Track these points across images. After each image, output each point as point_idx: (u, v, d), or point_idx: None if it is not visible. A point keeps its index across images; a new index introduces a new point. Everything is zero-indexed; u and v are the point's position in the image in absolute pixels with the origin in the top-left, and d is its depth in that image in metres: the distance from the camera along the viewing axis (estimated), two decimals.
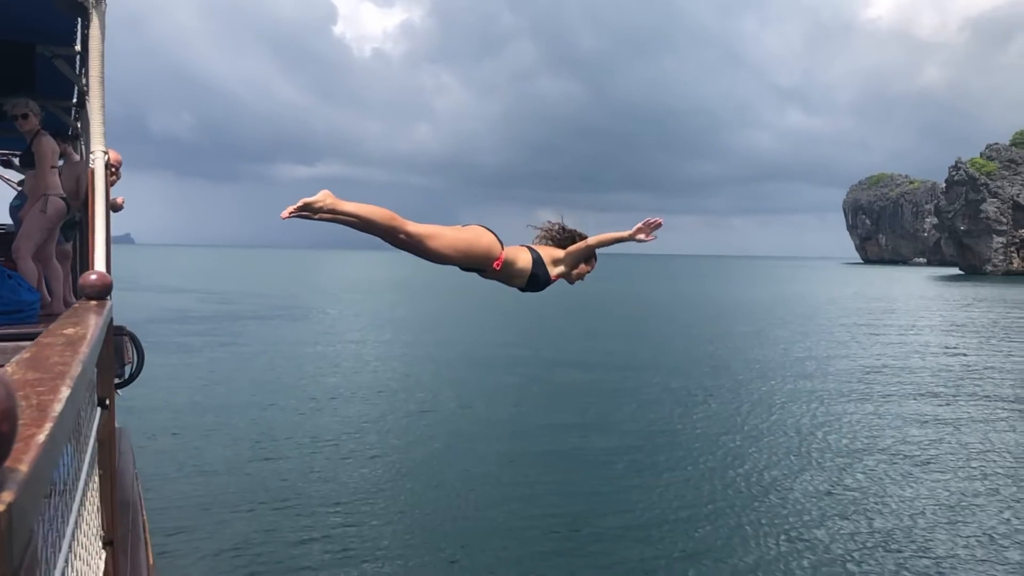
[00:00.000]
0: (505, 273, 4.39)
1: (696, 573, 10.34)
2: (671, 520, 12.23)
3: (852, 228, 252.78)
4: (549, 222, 4.74)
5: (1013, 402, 22.21)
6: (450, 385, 23.55)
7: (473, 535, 11.60)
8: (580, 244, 4.51)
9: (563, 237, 4.63)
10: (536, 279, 4.44)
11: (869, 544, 11.38)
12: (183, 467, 14.50)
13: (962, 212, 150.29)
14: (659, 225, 4.35)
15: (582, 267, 4.61)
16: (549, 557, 10.83)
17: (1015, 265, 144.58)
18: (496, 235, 4.31)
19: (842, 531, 11.90)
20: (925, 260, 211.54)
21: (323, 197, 3.87)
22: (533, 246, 4.56)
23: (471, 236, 4.18)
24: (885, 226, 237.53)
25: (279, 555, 10.60)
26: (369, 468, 14.78)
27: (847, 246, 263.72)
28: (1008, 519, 12.60)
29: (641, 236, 4.36)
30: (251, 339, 34.25)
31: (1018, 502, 13.44)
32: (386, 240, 4.10)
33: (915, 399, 22.48)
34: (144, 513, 6.48)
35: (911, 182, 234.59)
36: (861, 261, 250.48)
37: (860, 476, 14.77)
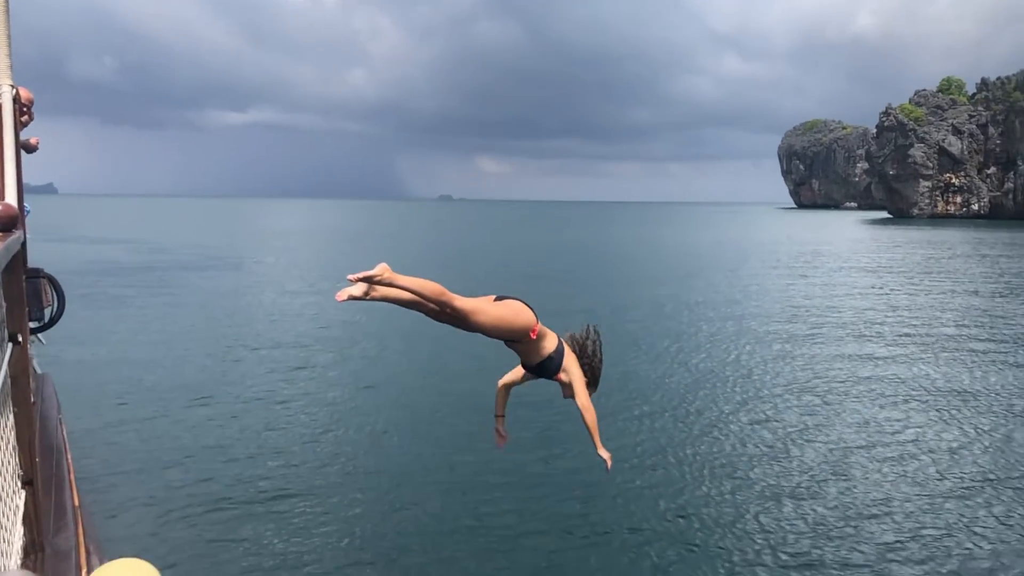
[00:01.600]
0: (532, 345, 4.66)
1: (631, 508, 10.73)
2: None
3: (787, 173, 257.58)
4: (588, 327, 5.00)
5: (927, 336, 23.29)
6: (389, 332, 23.57)
7: (404, 474, 11.80)
8: (580, 385, 4.76)
9: (584, 349, 4.90)
10: (551, 362, 4.72)
11: (794, 471, 11.96)
12: (113, 415, 14.31)
13: (891, 157, 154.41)
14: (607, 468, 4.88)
15: (571, 393, 4.86)
16: (490, 491, 11.10)
17: (940, 208, 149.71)
18: (533, 309, 4.58)
19: (766, 457, 12.46)
20: (856, 204, 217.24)
21: (381, 271, 3.96)
22: (563, 339, 4.84)
23: (512, 312, 4.46)
24: (818, 171, 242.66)
25: (210, 497, 10.64)
26: (305, 414, 14.83)
27: (782, 191, 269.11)
28: (916, 439, 13.43)
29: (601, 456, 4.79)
30: (183, 289, 33.59)
31: (922, 426, 14.27)
32: (430, 315, 4.31)
33: (840, 337, 23.39)
34: (69, 456, 6.43)
35: (844, 128, 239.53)
36: (795, 206, 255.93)
37: (785, 409, 15.42)
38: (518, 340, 4.61)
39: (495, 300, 4.50)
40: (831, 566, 8.97)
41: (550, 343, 4.70)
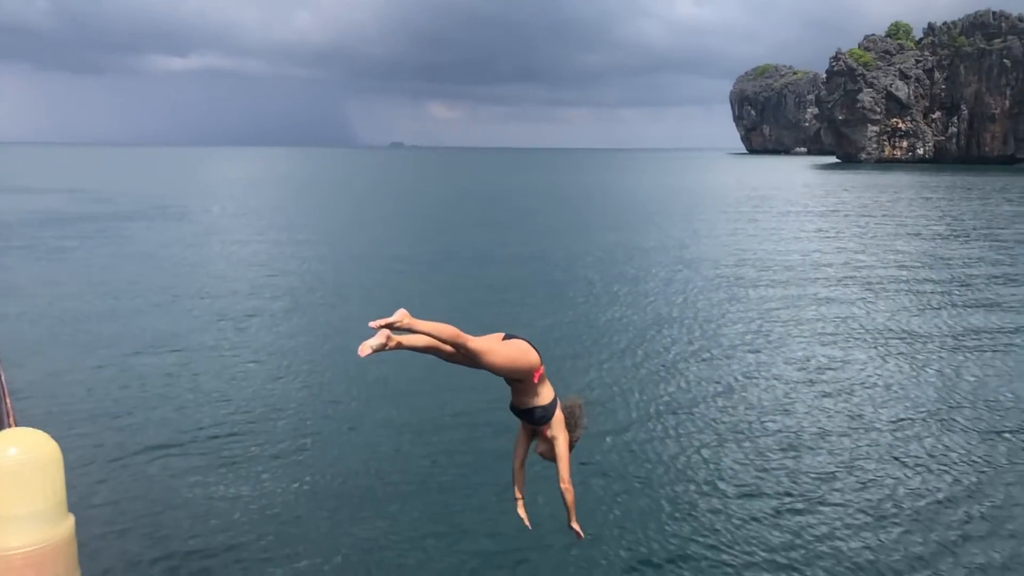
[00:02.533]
0: (531, 387, 4.86)
1: (578, 445, 10.95)
2: None
3: (738, 119, 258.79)
4: (582, 401, 5.28)
5: (870, 277, 23.96)
6: (342, 279, 23.43)
7: (356, 419, 11.88)
8: (563, 451, 5.11)
9: (570, 418, 5.15)
10: (543, 411, 4.95)
11: (738, 406, 12.32)
12: (58, 365, 14.06)
13: (840, 102, 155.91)
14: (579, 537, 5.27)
15: (546, 450, 5.19)
16: (443, 432, 11.24)
17: (887, 153, 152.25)
18: (538, 350, 4.80)
19: (711, 394, 12.81)
20: (806, 150, 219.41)
21: (401, 316, 4.24)
22: (559, 398, 5.07)
23: (519, 353, 4.72)
24: (769, 116, 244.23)
25: (159, 444, 10.61)
26: (256, 362, 14.76)
27: (733, 137, 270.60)
28: (854, 376, 13.93)
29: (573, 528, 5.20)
30: (128, 240, 32.81)
31: (861, 363, 14.81)
32: (444, 358, 4.64)
33: (786, 280, 23.92)
34: (8, 402, 6.37)
35: (794, 73, 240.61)
36: (746, 151, 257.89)
37: (731, 348, 15.81)
38: (520, 379, 4.84)
39: (503, 339, 4.77)
40: (771, 495, 9.34)
41: (546, 394, 4.96)
